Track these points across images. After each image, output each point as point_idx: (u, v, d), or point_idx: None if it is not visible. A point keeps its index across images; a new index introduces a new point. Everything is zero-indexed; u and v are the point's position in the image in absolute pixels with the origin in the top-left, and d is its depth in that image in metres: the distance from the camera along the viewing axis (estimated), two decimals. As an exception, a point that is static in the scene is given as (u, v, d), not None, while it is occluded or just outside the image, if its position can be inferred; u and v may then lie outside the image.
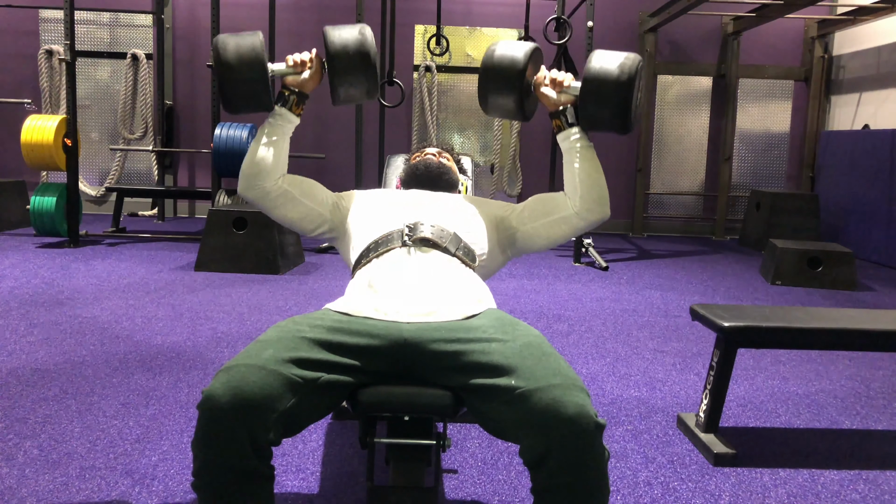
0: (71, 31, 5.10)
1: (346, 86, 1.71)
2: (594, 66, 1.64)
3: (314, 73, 1.74)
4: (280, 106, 1.73)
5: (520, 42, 1.76)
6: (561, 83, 1.72)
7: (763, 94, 7.50)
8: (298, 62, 1.73)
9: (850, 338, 2.16)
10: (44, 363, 2.70)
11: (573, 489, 1.23)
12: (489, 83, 1.73)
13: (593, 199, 1.70)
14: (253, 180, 1.72)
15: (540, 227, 1.77)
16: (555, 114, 1.74)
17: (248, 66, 1.65)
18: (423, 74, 7.23)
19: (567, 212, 1.73)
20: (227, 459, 1.22)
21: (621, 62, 1.63)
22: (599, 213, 1.72)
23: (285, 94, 1.73)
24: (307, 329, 1.39)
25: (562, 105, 1.72)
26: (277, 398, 1.25)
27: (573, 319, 3.69)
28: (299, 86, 1.73)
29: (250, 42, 1.67)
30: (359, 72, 1.70)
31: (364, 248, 1.68)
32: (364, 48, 1.68)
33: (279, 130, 1.73)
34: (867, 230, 6.16)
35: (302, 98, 1.74)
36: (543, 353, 1.34)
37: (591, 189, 1.70)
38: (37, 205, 5.27)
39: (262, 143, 1.72)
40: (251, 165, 1.72)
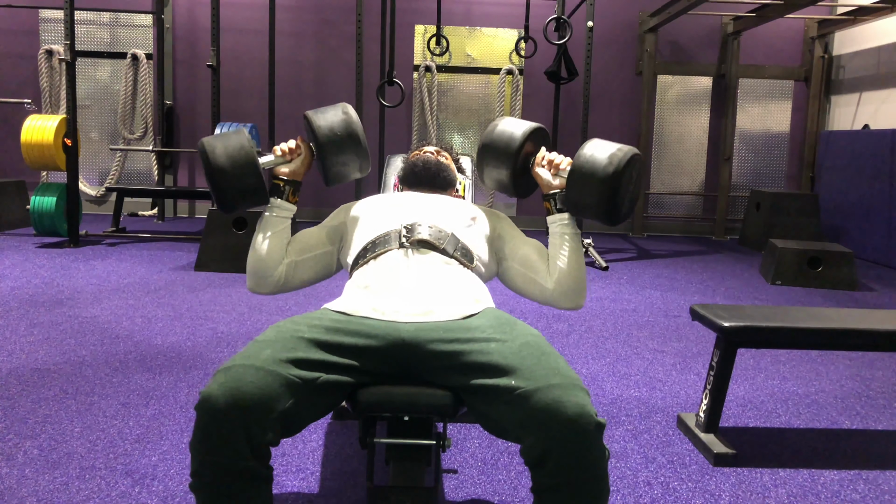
0: (71, 31, 5.10)
1: (339, 166, 1.72)
2: (584, 154, 1.61)
3: (304, 158, 1.74)
4: (276, 198, 1.72)
5: (522, 121, 1.76)
6: (557, 166, 1.71)
7: (763, 94, 7.50)
8: (287, 151, 1.73)
9: (850, 338, 2.16)
10: (44, 363, 2.70)
11: (573, 489, 1.23)
12: (486, 156, 1.75)
13: (569, 288, 1.68)
14: (263, 280, 1.72)
15: (519, 274, 1.76)
16: (547, 196, 1.73)
17: (240, 168, 1.63)
18: (423, 74, 7.23)
19: (546, 284, 1.71)
20: (224, 460, 1.22)
21: (611, 153, 1.58)
22: (572, 302, 1.70)
23: (280, 185, 1.72)
24: (305, 329, 1.38)
25: (555, 189, 1.71)
26: (275, 399, 1.25)
27: (573, 319, 3.68)
28: (291, 175, 1.73)
29: (237, 142, 1.65)
30: (350, 151, 1.70)
31: (361, 248, 1.68)
32: (351, 128, 1.68)
33: (279, 222, 1.72)
34: (867, 230, 6.16)
35: (296, 187, 1.74)
36: (543, 352, 1.34)
37: (569, 279, 1.68)
38: (37, 205, 5.27)
39: (265, 239, 1.71)
40: (257, 264, 1.71)
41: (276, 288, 1.74)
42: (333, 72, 7.11)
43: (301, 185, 1.76)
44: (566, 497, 1.24)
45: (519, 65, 7.20)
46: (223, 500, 1.24)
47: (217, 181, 1.64)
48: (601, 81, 7.27)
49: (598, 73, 7.15)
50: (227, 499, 1.24)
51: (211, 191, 1.66)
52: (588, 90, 5.28)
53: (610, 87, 7.39)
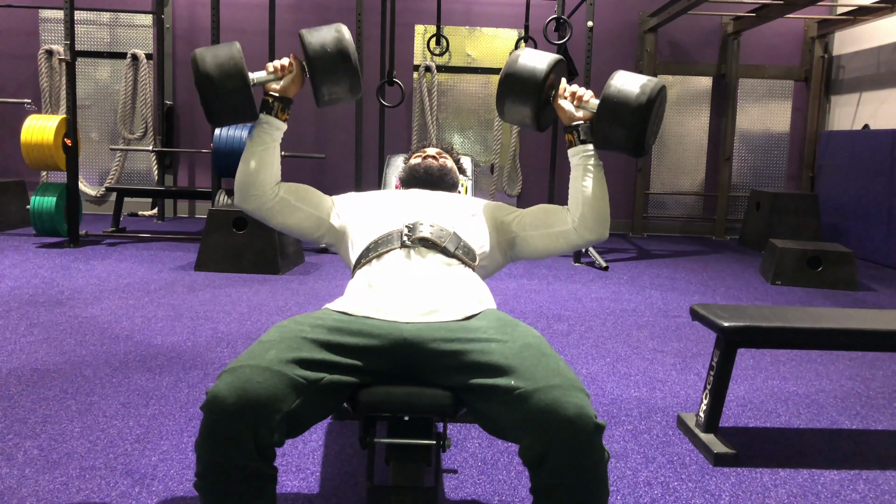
0: (71, 31, 5.10)
1: (329, 85, 1.71)
2: (615, 85, 1.62)
3: (295, 76, 1.73)
4: (265, 114, 1.72)
5: (543, 52, 1.75)
6: (580, 97, 1.72)
7: (763, 94, 7.50)
8: (278, 67, 1.72)
9: (850, 338, 2.16)
10: (44, 363, 2.70)
11: (572, 490, 1.23)
12: (509, 90, 1.72)
13: (595, 218, 1.70)
14: (248, 191, 1.72)
15: (538, 236, 1.77)
16: (569, 128, 1.73)
17: (228, 78, 1.63)
18: (423, 74, 7.23)
19: (566, 227, 1.72)
20: (231, 460, 1.22)
21: (643, 84, 1.61)
22: (598, 233, 1.71)
23: (269, 101, 1.72)
24: (308, 329, 1.39)
25: (577, 120, 1.72)
26: (282, 399, 1.25)
27: (573, 319, 3.68)
28: (282, 91, 1.72)
29: (228, 52, 1.65)
30: (339, 71, 1.69)
31: (363, 248, 1.68)
32: (342, 46, 1.67)
33: (268, 138, 1.72)
34: (867, 230, 6.16)
35: (286, 103, 1.73)
36: (543, 353, 1.35)
37: (595, 209, 1.69)
38: (37, 205, 5.27)
39: (253, 154, 1.71)
40: (244, 176, 1.71)
41: (259, 207, 1.74)
42: (333, 72, 7.11)
43: (291, 104, 1.75)
44: (565, 498, 1.24)
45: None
46: (228, 499, 1.24)
47: (205, 89, 1.64)
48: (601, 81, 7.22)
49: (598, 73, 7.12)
50: (232, 498, 1.24)
51: (200, 102, 1.66)
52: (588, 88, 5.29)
53: (610, 87, 7.38)
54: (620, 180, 7.45)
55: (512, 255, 1.83)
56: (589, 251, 5.40)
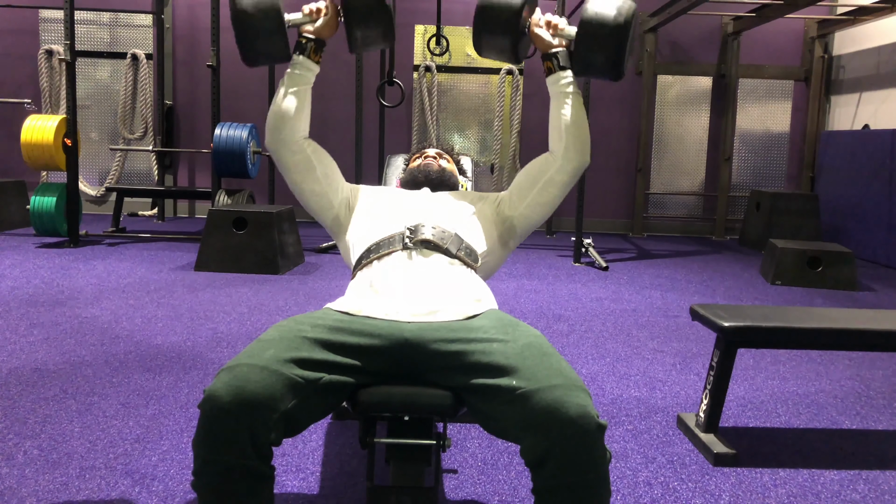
0: (71, 31, 5.10)
1: (363, 29, 1.72)
2: (591, 10, 1.66)
3: (330, 19, 1.75)
4: (298, 54, 1.73)
5: None
6: (556, 25, 1.75)
7: (763, 94, 7.49)
8: (314, 10, 1.74)
9: (850, 338, 2.16)
10: (44, 363, 2.70)
11: (574, 490, 1.23)
12: (485, 22, 1.73)
13: (576, 145, 1.73)
14: (279, 133, 1.74)
15: (530, 201, 1.79)
16: (547, 56, 1.76)
17: (264, 15, 1.65)
18: (423, 74, 7.23)
19: (550, 171, 1.75)
20: (228, 459, 1.22)
21: (619, 6, 1.65)
22: (580, 160, 1.74)
23: (303, 42, 1.74)
24: (308, 329, 1.38)
25: (555, 48, 1.75)
26: (279, 398, 1.25)
27: (573, 319, 3.68)
28: (316, 33, 1.74)
29: None
30: (374, 15, 1.70)
31: (365, 249, 1.67)
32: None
33: (300, 79, 1.74)
34: (867, 230, 6.15)
35: (320, 45, 1.75)
36: (544, 353, 1.34)
37: (576, 135, 1.73)
38: (37, 205, 5.27)
39: (285, 94, 1.73)
40: (275, 116, 1.73)
41: (285, 154, 1.75)
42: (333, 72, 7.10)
43: (325, 46, 1.77)
44: (567, 498, 1.24)
45: (519, 65, 7.19)
46: (225, 499, 1.24)
47: (241, 26, 1.66)
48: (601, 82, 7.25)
49: (598, 73, 7.14)
50: (229, 498, 1.24)
51: (235, 39, 1.68)
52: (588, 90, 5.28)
53: (610, 87, 7.38)
54: (620, 180, 7.45)
55: (515, 240, 1.84)
56: (589, 251, 5.40)
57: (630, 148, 7.48)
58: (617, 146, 7.42)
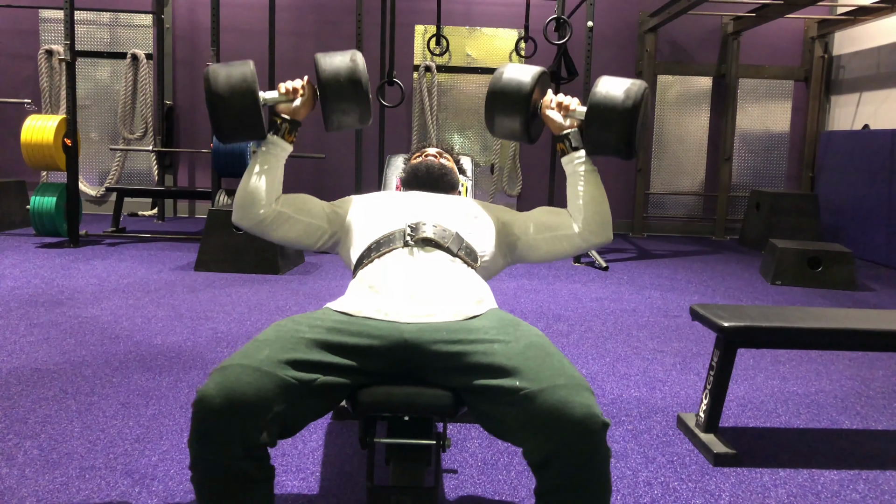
0: (71, 31, 5.10)
1: (339, 113, 1.71)
2: (600, 92, 1.66)
3: (306, 100, 1.73)
4: (272, 134, 1.71)
5: (527, 66, 1.77)
6: (567, 107, 1.74)
7: (763, 94, 7.50)
8: (290, 90, 1.72)
9: (850, 338, 2.16)
10: (44, 363, 2.70)
11: (578, 489, 1.23)
12: (496, 105, 1.74)
13: (597, 223, 1.71)
14: (247, 210, 1.70)
15: (542, 240, 1.77)
16: (559, 137, 1.75)
17: (239, 96, 1.63)
18: (423, 74, 7.23)
19: (570, 231, 1.74)
20: (218, 459, 1.23)
21: (627, 88, 1.64)
22: (602, 237, 1.72)
23: (277, 121, 1.71)
24: (306, 329, 1.38)
25: (567, 129, 1.74)
26: (271, 401, 1.25)
27: (573, 319, 3.68)
28: (291, 113, 1.72)
29: (241, 71, 1.66)
30: (351, 99, 1.69)
31: (365, 247, 1.67)
32: (356, 75, 1.68)
33: (273, 159, 1.71)
34: (867, 230, 6.15)
35: (294, 126, 1.73)
36: (546, 353, 1.34)
37: (595, 214, 1.71)
38: (37, 205, 5.27)
39: (256, 173, 1.70)
40: (245, 196, 1.70)
41: (258, 225, 1.72)
42: (333, 72, 7.11)
43: (300, 126, 1.74)
44: (570, 497, 1.24)
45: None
46: (217, 497, 1.25)
47: (215, 107, 1.64)
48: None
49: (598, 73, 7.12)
50: (221, 496, 1.25)
51: (210, 118, 1.67)
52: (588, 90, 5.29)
53: (610, 87, 7.38)
54: (620, 180, 7.45)
55: (513, 258, 1.83)
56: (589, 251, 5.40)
57: (630, 148, 7.47)
58: (617, 146, 7.42)
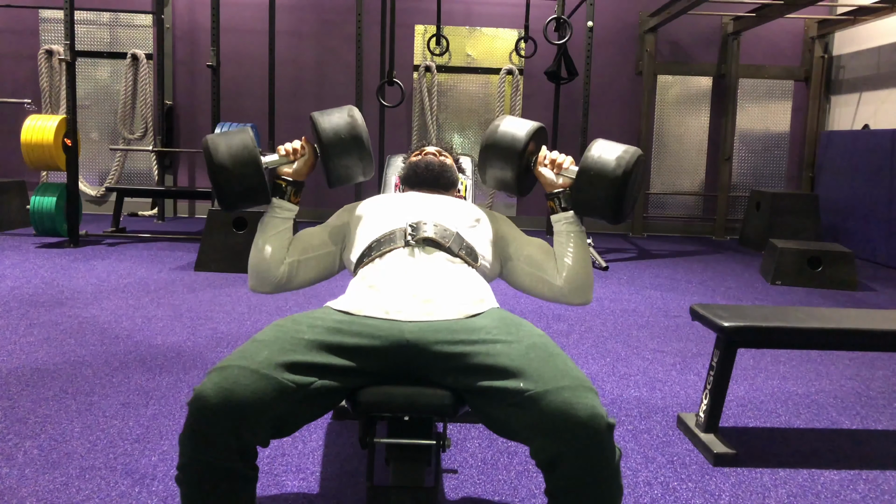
0: (71, 31, 5.10)
1: (342, 169, 1.72)
2: (592, 156, 1.65)
3: (307, 159, 1.73)
4: (278, 198, 1.72)
5: (524, 121, 1.77)
6: (560, 165, 1.74)
7: (763, 94, 7.49)
8: (290, 151, 1.72)
9: (850, 338, 2.16)
10: (44, 363, 2.70)
11: (587, 490, 1.24)
12: (489, 157, 1.75)
13: (577, 285, 1.72)
14: (263, 277, 1.71)
15: (527, 273, 1.77)
16: (550, 195, 1.76)
17: (242, 165, 1.63)
18: (423, 74, 7.23)
19: (554, 280, 1.74)
20: (211, 459, 1.23)
21: (619, 155, 1.63)
22: (581, 299, 1.74)
23: (282, 185, 1.72)
24: (306, 329, 1.38)
25: (558, 188, 1.74)
26: (268, 403, 1.25)
27: (573, 319, 3.68)
28: (294, 175, 1.72)
29: (241, 140, 1.65)
30: (354, 154, 1.69)
31: (366, 246, 1.67)
32: (356, 131, 1.68)
33: (281, 223, 1.72)
34: (867, 230, 6.15)
35: (298, 187, 1.74)
36: (550, 353, 1.34)
37: (577, 276, 1.71)
38: (37, 205, 5.27)
39: (266, 239, 1.71)
40: (259, 262, 1.71)
41: (277, 287, 1.74)
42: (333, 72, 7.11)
43: (303, 186, 1.76)
44: (580, 498, 1.24)
45: (519, 65, 7.19)
46: (206, 497, 1.25)
47: (219, 179, 1.64)
48: (601, 81, 7.27)
49: (598, 73, 7.14)
50: (210, 496, 1.25)
51: (213, 189, 1.66)
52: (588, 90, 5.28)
53: (610, 88, 7.39)
54: (620, 180, 7.44)
55: (501, 273, 1.83)
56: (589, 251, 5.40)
57: (630, 148, 7.47)
58: (617, 146, 7.42)
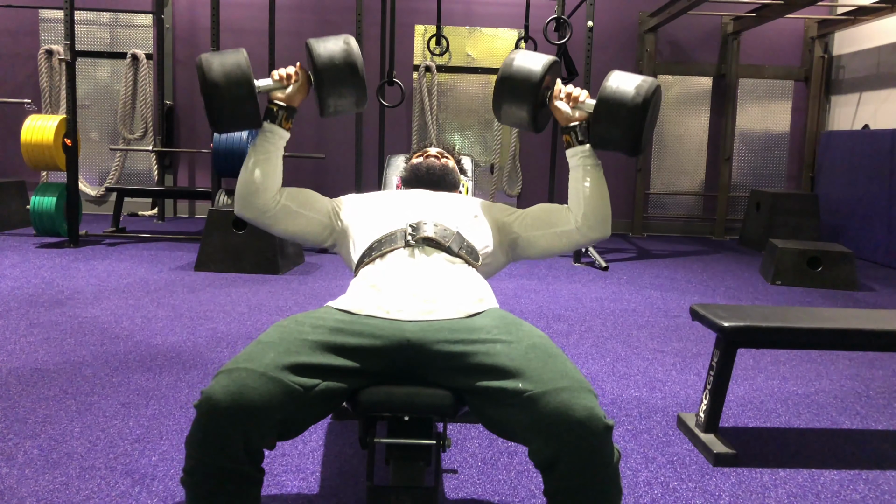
0: (71, 31, 5.10)
1: (335, 97, 1.70)
2: (610, 86, 1.64)
3: (300, 86, 1.72)
4: (269, 122, 1.71)
5: (538, 54, 1.75)
6: (576, 98, 1.73)
7: (763, 94, 7.50)
8: (284, 76, 1.71)
9: (850, 338, 2.16)
10: (44, 363, 2.70)
11: (585, 491, 1.24)
12: (505, 92, 1.72)
13: (597, 218, 1.71)
14: (249, 200, 1.70)
15: (540, 236, 1.77)
16: (566, 129, 1.74)
17: (234, 84, 1.62)
18: (423, 74, 7.23)
19: (568, 226, 1.73)
20: (219, 462, 1.23)
21: (638, 84, 1.62)
22: (601, 232, 1.72)
23: (273, 109, 1.71)
24: (309, 330, 1.38)
25: (574, 121, 1.73)
26: (276, 406, 1.25)
27: (573, 319, 3.68)
28: (287, 100, 1.71)
29: (234, 59, 1.64)
30: (347, 83, 1.68)
31: (367, 247, 1.67)
32: (351, 59, 1.67)
33: (271, 147, 1.70)
34: (867, 230, 6.15)
35: (290, 112, 1.72)
36: (549, 354, 1.34)
37: (596, 208, 1.70)
38: (37, 205, 5.27)
39: (256, 163, 1.69)
40: (246, 185, 1.69)
41: (261, 215, 1.72)
42: (333, 72, 7.11)
43: (296, 113, 1.74)
44: (579, 500, 1.24)
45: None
46: (213, 500, 1.25)
47: (211, 96, 1.64)
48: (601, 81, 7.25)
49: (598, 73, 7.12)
50: (217, 499, 1.24)
51: (205, 108, 1.66)
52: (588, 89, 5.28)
53: (610, 87, 7.38)
54: (620, 180, 7.45)
55: (514, 255, 1.83)
56: (589, 251, 5.41)
57: (630, 148, 7.47)
58: (617, 146, 7.42)
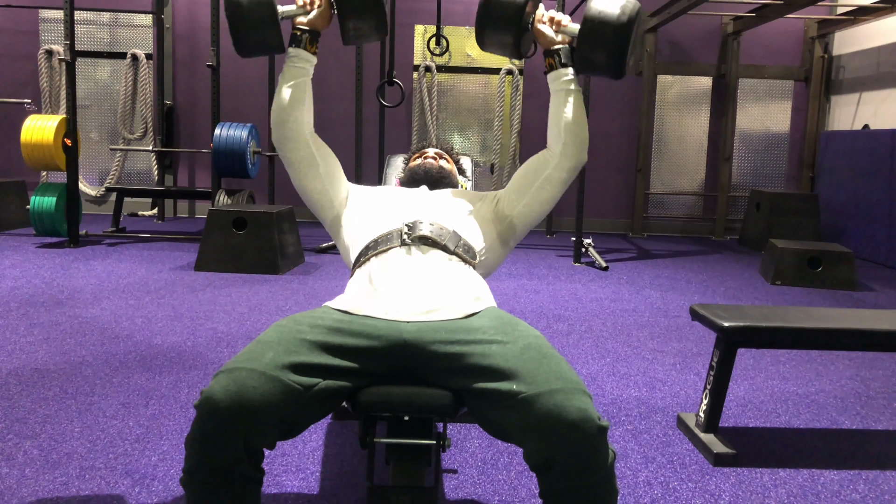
0: (71, 31, 5.10)
1: (356, 20, 1.73)
2: (594, 8, 1.65)
3: (323, 10, 1.76)
4: (294, 47, 1.75)
5: None
6: (559, 22, 1.75)
7: (763, 94, 7.49)
8: (307, 1, 1.76)
9: (850, 338, 2.16)
10: (44, 363, 2.70)
11: (580, 493, 1.24)
12: (488, 16, 1.73)
13: (575, 143, 1.73)
14: (284, 129, 1.75)
15: (529, 199, 1.79)
16: (549, 52, 1.76)
17: (257, 7, 1.67)
18: (423, 74, 7.23)
19: (547, 170, 1.76)
20: (220, 462, 1.22)
21: (622, 5, 1.64)
22: (577, 158, 1.75)
23: (297, 34, 1.75)
24: (308, 330, 1.38)
25: (557, 45, 1.75)
26: (276, 406, 1.25)
27: (573, 319, 3.68)
28: (310, 25, 1.75)
29: None
30: (369, 9, 1.71)
31: (363, 246, 1.68)
32: None
33: (299, 72, 1.75)
34: (867, 230, 6.15)
35: (315, 36, 1.76)
36: (544, 355, 1.34)
37: (576, 133, 1.73)
38: (37, 205, 5.27)
39: (285, 88, 1.74)
40: (278, 111, 1.75)
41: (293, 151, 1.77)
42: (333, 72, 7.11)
43: (319, 37, 1.78)
44: (573, 501, 1.24)
45: (519, 65, 7.19)
46: (214, 500, 1.25)
47: (234, 19, 1.68)
48: (601, 81, 7.25)
49: (598, 73, 7.14)
50: (218, 499, 1.24)
51: (230, 32, 1.71)
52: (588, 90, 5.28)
53: (610, 87, 7.38)
54: (620, 180, 7.45)
55: (515, 239, 1.84)
56: (589, 251, 5.40)
57: (630, 148, 7.47)
58: (617, 146, 7.41)
